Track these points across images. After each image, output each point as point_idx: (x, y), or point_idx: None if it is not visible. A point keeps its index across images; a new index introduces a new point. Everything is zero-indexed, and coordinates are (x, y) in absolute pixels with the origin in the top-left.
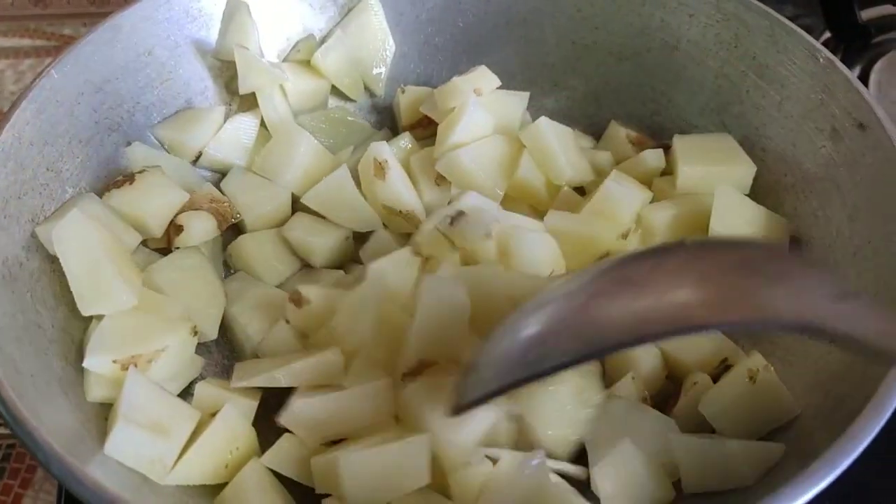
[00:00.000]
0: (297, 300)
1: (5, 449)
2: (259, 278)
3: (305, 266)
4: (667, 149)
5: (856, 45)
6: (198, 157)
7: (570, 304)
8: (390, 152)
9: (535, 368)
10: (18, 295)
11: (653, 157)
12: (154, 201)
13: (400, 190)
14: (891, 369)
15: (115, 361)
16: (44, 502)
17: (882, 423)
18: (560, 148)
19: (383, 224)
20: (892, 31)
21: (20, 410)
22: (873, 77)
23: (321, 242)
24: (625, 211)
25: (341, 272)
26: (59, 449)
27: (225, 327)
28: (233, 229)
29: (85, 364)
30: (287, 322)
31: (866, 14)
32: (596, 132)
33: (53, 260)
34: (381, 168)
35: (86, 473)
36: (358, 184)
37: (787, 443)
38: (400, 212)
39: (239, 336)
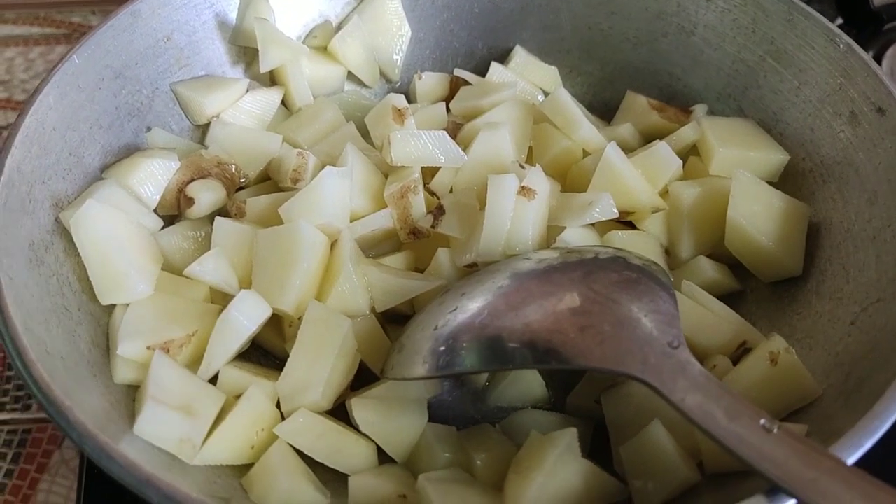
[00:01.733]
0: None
1: (21, 434)
2: None
3: None
4: (687, 113)
5: (868, 30)
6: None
7: (472, 313)
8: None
9: (445, 371)
10: (45, 278)
11: (690, 132)
12: (144, 168)
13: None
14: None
15: (149, 348)
16: (60, 486)
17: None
18: (580, 113)
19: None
20: None
21: (53, 391)
22: (885, 62)
23: None
24: (665, 175)
25: None
26: (92, 428)
27: None
28: None
29: (119, 351)
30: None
31: (878, 0)
32: (612, 118)
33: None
34: (400, 114)
35: (119, 451)
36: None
37: (809, 423)
38: None
39: None
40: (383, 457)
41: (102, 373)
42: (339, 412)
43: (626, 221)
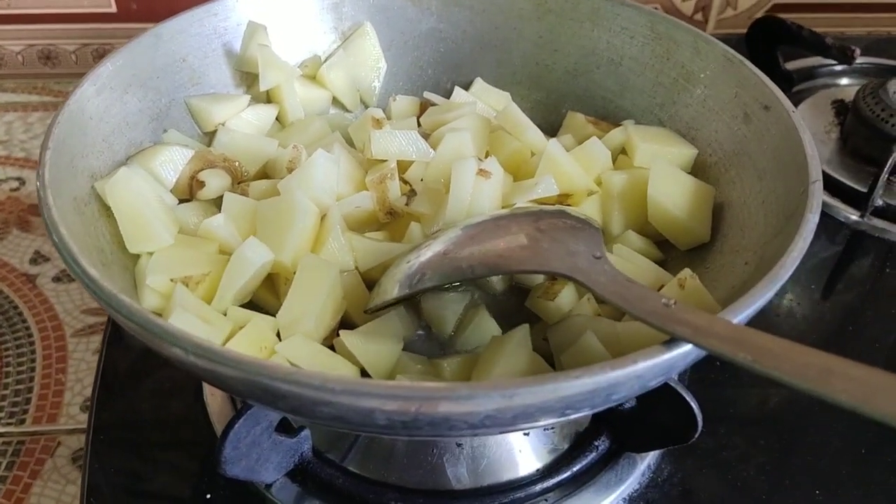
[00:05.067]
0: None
1: (15, 445)
2: None
3: None
4: (618, 127)
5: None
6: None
7: (437, 251)
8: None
9: (416, 288)
10: (86, 225)
11: (618, 134)
12: (164, 154)
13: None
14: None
15: (171, 280)
16: (52, 490)
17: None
18: (529, 121)
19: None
20: (811, 80)
21: (110, 291)
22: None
23: None
24: (597, 165)
25: None
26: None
27: None
28: None
29: (147, 282)
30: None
31: (790, 65)
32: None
33: (108, 209)
34: (378, 122)
35: (171, 324)
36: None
37: None
38: None
39: None
40: None
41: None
42: None
43: (565, 205)
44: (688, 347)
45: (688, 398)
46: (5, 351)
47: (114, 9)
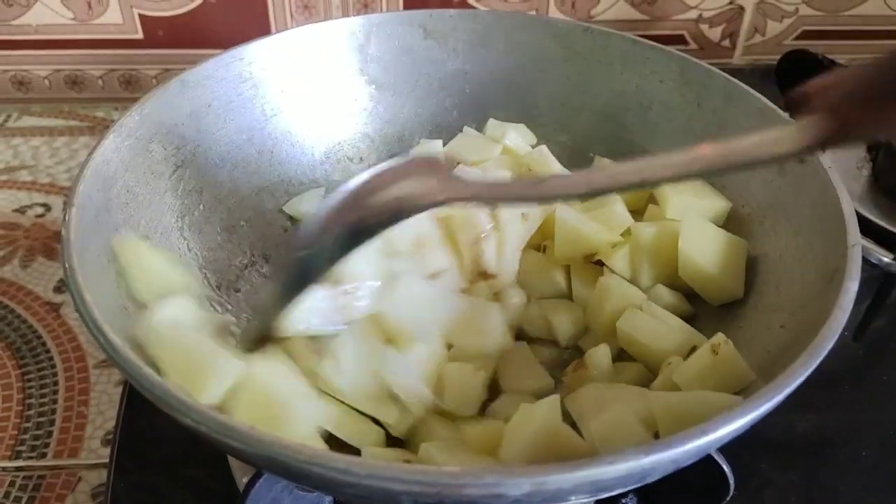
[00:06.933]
0: None
1: (36, 479)
2: None
3: None
4: None
5: None
6: None
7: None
8: None
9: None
10: (109, 280)
11: None
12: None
13: None
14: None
15: None
16: None
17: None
18: (558, 166)
19: None
20: None
21: (136, 363)
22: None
23: None
24: (617, 225)
25: None
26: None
27: None
28: None
29: None
30: None
31: None
32: None
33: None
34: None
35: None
36: None
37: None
38: None
39: None
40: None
41: None
42: None
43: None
44: (724, 431)
45: (720, 461)
46: (28, 382)
47: (140, 35)
